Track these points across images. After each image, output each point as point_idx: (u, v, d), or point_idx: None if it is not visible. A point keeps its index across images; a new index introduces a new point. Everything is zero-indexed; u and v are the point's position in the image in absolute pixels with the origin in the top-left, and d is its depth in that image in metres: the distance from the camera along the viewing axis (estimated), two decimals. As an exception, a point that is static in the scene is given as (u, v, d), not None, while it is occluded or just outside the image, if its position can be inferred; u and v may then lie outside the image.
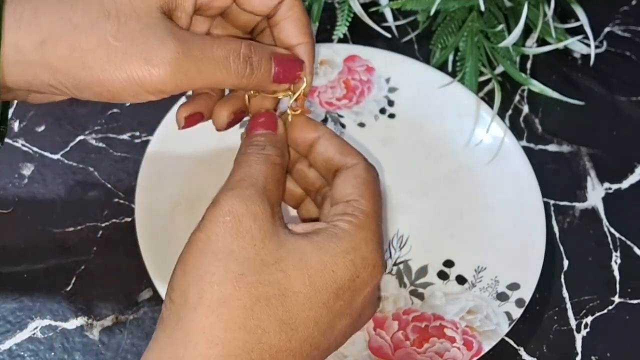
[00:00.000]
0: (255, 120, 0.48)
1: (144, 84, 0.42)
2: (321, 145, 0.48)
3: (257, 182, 0.43)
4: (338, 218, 0.44)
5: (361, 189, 0.45)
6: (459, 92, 0.64)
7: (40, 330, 0.54)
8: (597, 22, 0.71)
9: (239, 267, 0.40)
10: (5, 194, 0.60)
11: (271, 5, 0.47)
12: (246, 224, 0.41)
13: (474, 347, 0.52)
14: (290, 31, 0.48)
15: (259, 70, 0.45)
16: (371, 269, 0.43)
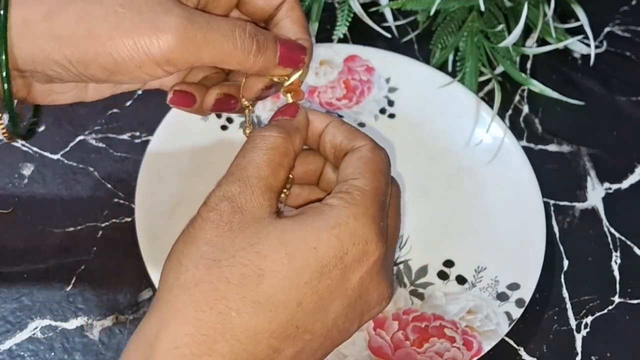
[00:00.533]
0: (278, 110, 0.47)
1: (151, 52, 0.42)
2: (329, 132, 0.46)
3: (244, 175, 0.42)
4: (330, 196, 0.42)
5: (362, 168, 0.43)
6: (459, 92, 0.64)
7: (40, 331, 0.54)
8: (597, 22, 0.71)
9: (214, 253, 0.40)
10: (5, 194, 0.60)
11: (274, 5, 0.48)
12: (226, 218, 0.41)
13: (474, 347, 0.52)
14: (291, 29, 0.48)
15: (265, 48, 0.45)
16: (362, 245, 0.40)
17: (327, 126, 0.46)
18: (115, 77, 0.44)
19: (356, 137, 0.45)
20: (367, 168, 0.43)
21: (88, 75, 0.43)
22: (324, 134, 0.46)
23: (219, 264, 0.39)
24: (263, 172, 0.42)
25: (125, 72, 0.43)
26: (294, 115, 0.46)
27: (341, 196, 0.41)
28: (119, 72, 0.43)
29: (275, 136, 0.43)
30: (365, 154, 0.44)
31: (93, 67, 0.43)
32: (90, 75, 0.43)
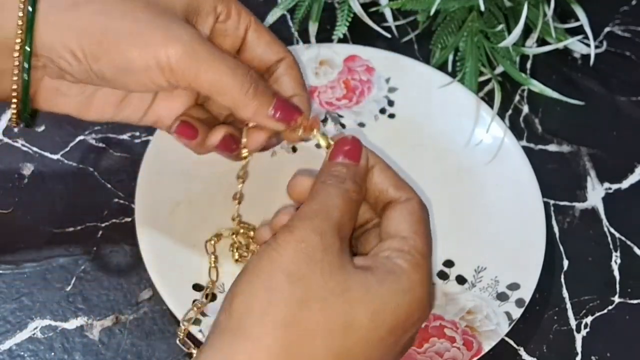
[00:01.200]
0: (340, 147, 0.47)
1: (158, 57, 0.44)
2: (376, 175, 0.47)
3: (332, 216, 0.43)
4: (396, 254, 0.43)
5: (416, 227, 0.45)
6: (459, 92, 0.64)
7: (40, 331, 0.54)
8: (597, 22, 0.71)
9: (307, 293, 0.40)
10: (5, 194, 0.60)
11: (273, 59, 0.51)
12: (318, 255, 0.41)
13: (473, 347, 0.52)
14: (289, 85, 0.50)
15: (262, 95, 0.47)
16: (421, 311, 0.43)
17: (374, 168, 0.47)
18: (122, 78, 0.45)
19: (403, 187, 0.47)
20: (420, 227, 0.45)
21: (96, 72, 0.45)
22: (370, 174, 0.47)
23: (311, 306, 0.40)
24: (344, 218, 0.44)
25: (132, 72, 0.45)
26: (359, 159, 0.47)
27: (407, 258, 0.43)
28: (126, 71, 0.45)
29: (352, 190, 0.45)
30: (417, 209, 0.46)
31: (103, 62, 0.44)
32: (98, 72, 0.45)
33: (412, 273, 0.43)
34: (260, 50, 0.50)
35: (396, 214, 0.46)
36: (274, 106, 0.48)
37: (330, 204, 0.44)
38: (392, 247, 0.44)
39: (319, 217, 0.43)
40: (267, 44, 0.50)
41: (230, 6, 0.49)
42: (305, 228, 0.42)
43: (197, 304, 0.52)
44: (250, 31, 0.50)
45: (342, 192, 0.44)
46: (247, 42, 0.51)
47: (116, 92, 0.50)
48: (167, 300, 0.53)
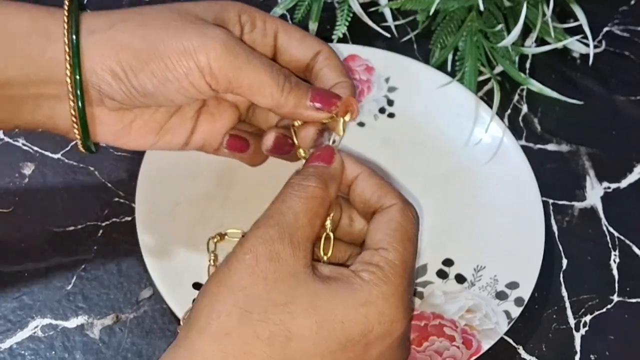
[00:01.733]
0: (312, 154, 0.47)
1: (198, 57, 0.45)
2: (359, 185, 0.47)
3: (283, 220, 0.42)
4: (362, 268, 0.42)
5: (392, 236, 0.44)
6: (458, 91, 0.65)
7: (41, 329, 0.54)
8: (596, 21, 0.71)
9: (247, 304, 0.40)
10: (5, 193, 0.60)
11: (310, 55, 0.51)
12: (262, 265, 0.41)
13: (473, 345, 0.52)
14: (330, 75, 0.50)
15: (297, 88, 0.48)
16: (388, 325, 0.42)
17: (357, 177, 0.47)
18: (164, 88, 0.46)
19: (386, 193, 0.46)
20: (397, 237, 0.44)
21: (137, 87, 0.45)
22: (353, 185, 0.47)
23: (251, 317, 0.40)
24: (301, 221, 0.43)
25: (173, 79, 0.45)
26: (330, 161, 0.46)
27: (372, 270, 0.42)
28: (167, 79, 0.45)
29: (314, 186, 0.44)
30: (395, 216, 0.44)
31: (143, 74, 0.45)
32: (139, 87, 0.45)
33: (373, 287, 0.41)
34: (294, 50, 0.51)
35: (374, 224, 0.45)
36: (311, 96, 0.48)
37: (283, 208, 0.43)
38: (362, 260, 0.43)
39: (268, 223, 0.42)
40: (299, 42, 0.51)
41: (254, 16, 0.50)
42: (253, 238, 0.42)
43: (197, 302, 0.53)
44: (280, 35, 0.50)
45: (301, 191, 0.44)
46: (279, 47, 0.51)
47: (155, 118, 0.50)
48: (168, 299, 0.53)
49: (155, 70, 0.45)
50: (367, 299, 0.41)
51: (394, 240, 0.44)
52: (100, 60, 0.45)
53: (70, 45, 0.44)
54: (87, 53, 0.45)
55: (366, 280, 0.42)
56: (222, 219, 0.57)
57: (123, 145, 0.51)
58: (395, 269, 0.42)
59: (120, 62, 0.45)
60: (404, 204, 0.45)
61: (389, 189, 0.46)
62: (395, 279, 0.42)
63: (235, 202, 0.58)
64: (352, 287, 0.41)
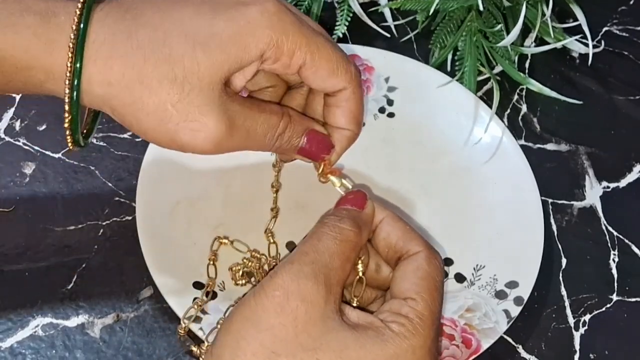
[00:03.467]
0: (346, 196, 0.47)
1: (184, 149, 0.44)
2: (383, 230, 0.46)
3: (318, 259, 0.41)
4: (392, 318, 0.41)
5: (420, 285, 0.43)
6: (458, 91, 0.65)
7: (42, 328, 0.54)
8: (595, 21, 0.71)
9: (275, 345, 0.39)
10: (6, 192, 0.60)
11: (329, 91, 0.47)
12: (293, 304, 0.40)
13: (472, 345, 0.52)
14: (340, 119, 0.48)
15: (287, 144, 0.47)
16: None
17: (382, 222, 0.46)
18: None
19: (411, 239, 0.45)
20: (424, 286, 0.43)
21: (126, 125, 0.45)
22: (378, 229, 0.46)
23: (277, 359, 0.39)
24: (335, 263, 0.42)
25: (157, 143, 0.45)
26: (362, 206, 0.46)
27: (402, 322, 0.41)
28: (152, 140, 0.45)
29: (349, 230, 0.43)
30: (422, 265, 0.44)
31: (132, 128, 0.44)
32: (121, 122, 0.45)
33: (402, 340, 0.40)
34: (316, 85, 0.47)
35: (400, 272, 0.44)
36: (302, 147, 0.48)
37: (319, 246, 0.42)
38: (391, 310, 0.42)
39: (302, 260, 0.41)
40: (324, 79, 0.46)
41: (280, 51, 0.44)
42: (285, 274, 0.41)
43: (197, 301, 0.53)
44: (304, 69, 0.45)
45: (336, 232, 0.43)
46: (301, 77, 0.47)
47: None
48: (168, 298, 0.53)
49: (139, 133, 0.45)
50: (396, 351, 0.40)
51: (422, 290, 0.43)
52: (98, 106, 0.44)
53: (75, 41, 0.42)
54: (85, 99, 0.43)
55: (396, 332, 0.41)
56: (222, 218, 0.57)
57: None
58: (424, 320, 0.42)
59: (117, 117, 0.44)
60: (429, 251, 0.45)
61: (414, 235, 0.46)
62: (424, 330, 0.41)
63: (235, 202, 0.58)
64: (381, 338, 0.40)
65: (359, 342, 0.40)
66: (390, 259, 0.46)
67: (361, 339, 0.40)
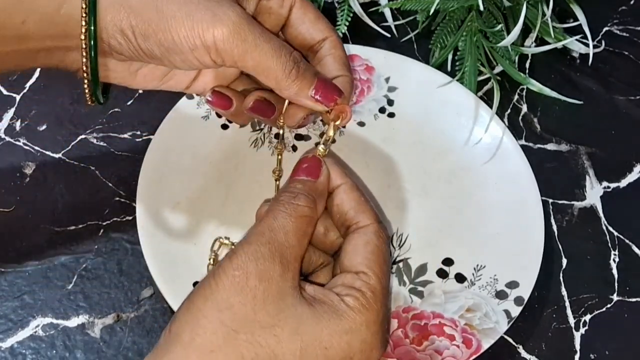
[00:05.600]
0: (299, 165, 0.48)
1: (205, 37, 0.45)
2: (338, 196, 0.47)
3: (274, 238, 0.43)
4: (346, 292, 0.43)
5: (370, 260, 0.44)
6: (458, 91, 0.65)
7: (42, 328, 0.54)
8: (596, 21, 0.71)
9: (234, 323, 0.40)
10: (7, 192, 0.60)
11: (317, 38, 0.51)
12: (252, 283, 0.41)
13: (473, 345, 0.52)
14: (333, 66, 0.51)
15: (303, 77, 0.48)
16: (368, 352, 0.42)
17: (339, 188, 0.47)
18: (169, 56, 0.46)
19: (363, 211, 0.47)
20: (375, 260, 0.45)
21: (145, 50, 0.46)
22: (333, 194, 0.48)
23: (237, 336, 0.40)
24: (291, 240, 0.43)
25: (179, 51, 0.46)
26: (317, 175, 0.47)
27: (356, 296, 0.43)
28: (173, 50, 0.46)
29: (303, 206, 0.45)
30: (372, 239, 0.45)
31: (151, 41, 0.45)
32: (146, 50, 0.46)
33: (357, 313, 0.42)
34: (304, 28, 0.51)
35: (352, 247, 0.45)
36: (315, 87, 0.48)
37: (275, 225, 0.43)
38: (344, 283, 0.44)
39: (259, 241, 0.42)
40: (312, 22, 0.51)
41: None
42: (243, 254, 0.42)
43: (198, 302, 0.53)
44: (295, 9, 0.51)
45: (291, 210, 0.44)
46: (291, 20, 0.51)
47: (160, 68, 0.50)
48: (168, 298, 0.53)
49: (162, 40, 0.45)
50: (351, 326, 0.42)
51: (373, 265, 0.44)
52: (112, 20, 0.45)
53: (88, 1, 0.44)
54: (101, 11, 0.45)
55: (350, 307, 0.42)
56: (222, 218, 0.57)
57: (128, 85, 0.51)
58: (376, 294, 0.43)
59: (131, 26, 0.45)
60: (379, 225, 0.46)
61: (366, 207, 0.47)
62: (377, 305, 0.43)
63: (235, 202, 0.58)
64: (337, 312, 0.42)
65: (315, 317, 0.41)
66: (340, 226, 0.48)
67: (317, 314, 0.42)
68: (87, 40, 0.45)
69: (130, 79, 0.51)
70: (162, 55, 0.46)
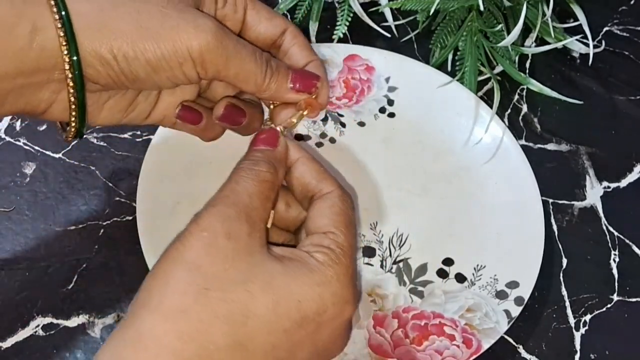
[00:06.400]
0: (258, 136, 0.49)
1: (192, 47, 0.45)
2: (298, 169, 0.48)
3: (239, 200, 0.43)
4: (315, 249, 0.43)
5: (336, 220, 0.45)
6: (458, 91, 0.65)
7: (42, 328, 0.54)
8: (596, 21, 0.71)
9: (205, 282, 0.40)
10: (7, 192, 0.60)
11: (277, 32, 0.51)
12: (220, 242, 0.41)
13: (473, 345, 0.52)
14: (300, 54, 0.51)
15: (278, 73, 0.49)
16: (341, 305, 0.43)
17: (297, 161, 0.48)
18: (155, 75, 0.46)
19: (324, 179, 0.47)
20: (341, 221, 0.45)
21: (127, 73, 0.45)
22: (293, 168, 0.48)
23: (208, 294, 0.39)
24: (255, 202, 0.44)
25: (167, 68, 0.45)
26: (275, 144, 0.48)
27: (326, 252, 0.43)
28: (161, 68, 0.45)
29: (265, 171, 0.45)
30: (336, 202, 0.46)
31: (137, 63, 0.44)
32: (129, 73, 0.45)
33: (327, 268, 0.42)
34: (262, 27, 0.51)
35: (316, 210, 0.46)
36: (292, 80, 0.49)
37: (238, 188, 0.44)
38: (312, 242, 0.44)
39: (225, 202, 0.43)
40: (267, 19, 0.51)
41: None
42: (210, 216, 0.42)
43: (198, 301, 0.53)
44: (249, 11, 0.51)
45: (253, 175, 0.45)
46: (247, 23, 0.51)
47: (126, 97, 0.50)
48: (169, 298, 0.53)
49: (150, 59, 0.44)
50: (322, 279, 0.42)
51: (340, 225, 0.45)
52: (90, 46, 0.44)
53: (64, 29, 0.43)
54: (79, 38, 0.43)
55: (320, 261, 0.43)
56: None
57: (91, 124, 0.50)
58: (344, 251, 0.44)
59: (112, 50, 0.44)
60: (341, 190, 0.47)
61: (326, 175, 0.48)
62: (346, 260, 0.44)
63: (236, 202, 0.58)
64: (308, 267, 0.42)
65: (286, 271, 0.42)
66: (303, 198, 0.48)
67: (288, 268, 0.42)
68: (72, 70, 0.44)
69: (95, 115, 0.49)
70: (147, 76, 0.45)
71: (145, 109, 0.51)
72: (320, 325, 0.42)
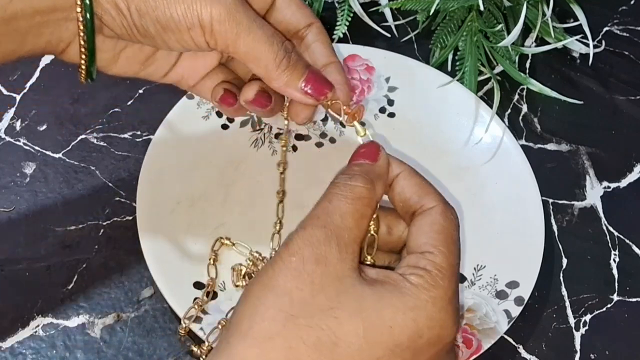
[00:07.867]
0: (357, 150, 0.46)
1: (202, 16, 0.44)
2: (399, 184, 0.45)
3: (330, 221, 0.41)
4: (410, 271, 0.41)
5: (436, 239, 0.42)
6: (459, 91, 0.65)
7: (42, 328, 0.54)
8: (596, 21, 0.72)
9: (292, 308, 0.39)
10: (7, 192, 0.60)
11: (302, 24, 0.51)
12: (308, 267, 0.40)
13: (473, 344, 0.52)
14: (322, 52, 0.50)
15: (294, 68, 0.47)
16: (438, 330, 0.40)
17: (398, 176, 0.45)
18: (164, 35, 0.45)
19: (427, 194, 0.44)
20: (441, 240, 0.42)
21: (139, 27, 0.45)
22: (394, 183, 0.46)
23: (296, 321, 0.39)
24: (348, 222, 0.41)
25: (176, 30, 0.45)
26: (376, 159, 0.45)
27: (421, 274, 0.41)
28: (169, 28, 0.45)
29: (361, 187, 0.43)
30: (437, 219, 0.43)
31: (147, 18, 0.44)
32: (141, 27, 0.45)
33: (421, 291, 0.40)
34: (290, 13, 0.51)
35: (416, 227, 0.43)
36: (305, 79, 0.48)
37: (330, 207, 0.42)
38: (409, 264, 0.42)
39: (315, 224, 0.41)
40: (297, 6, 0.51)
41: None
42: (299, 239, 0.41)
43: (198, 302, 0.53)
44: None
45: (347, 191, 0.42)
46: (276, 5, 0.51)
47: (144, 50, 0.49)
48: (168, 298, 0.53)
49: (159, 17, 0.44)
50: (416, 303, 0.39)
51: (439, 244, 0.42)
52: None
53: None
54: None
55: (415, 284, 0.40)
56: (223, 218, 0.57)
57: (107, 70, 0.49)
58: (443, 272, 0.41)
59: (126, 1, 0.44)
60: (445, 205, 0.44)
61: (429, 189, 0.45)
62: (444, 282, 0.41)
63: (236, 202, 0.58)
64: (400, 290, 0.40)
65: (376, 296, 0.39)
66: (405, 214, 0.45)
67: (379, 292, 0.40)
68: (83, 13, 0.44)
69: (112, 62, 0.49)
70: (157, 34, 0.45)
71: (164, 66, 0.51)
72: (417, 351, 0.40)
